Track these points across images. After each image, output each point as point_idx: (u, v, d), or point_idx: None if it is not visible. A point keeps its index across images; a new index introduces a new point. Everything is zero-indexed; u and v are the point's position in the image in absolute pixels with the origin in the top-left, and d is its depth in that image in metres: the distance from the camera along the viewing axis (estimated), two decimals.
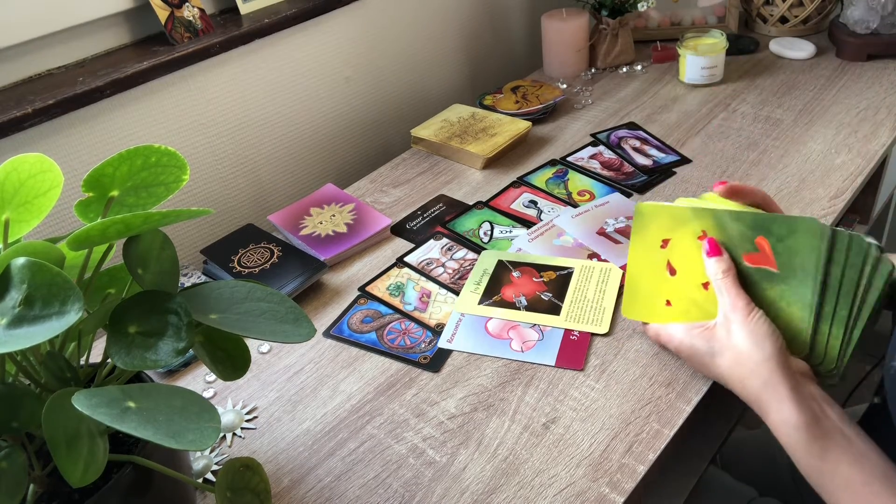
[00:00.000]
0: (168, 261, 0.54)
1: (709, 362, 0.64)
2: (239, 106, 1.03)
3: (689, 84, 1.24)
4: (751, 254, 0.64)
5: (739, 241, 0.65)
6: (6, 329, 0.43)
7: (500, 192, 1.02)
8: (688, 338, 0.66)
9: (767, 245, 0.63)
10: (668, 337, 0.69)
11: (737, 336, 0.62)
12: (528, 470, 0.63)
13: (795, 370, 0.61)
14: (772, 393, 0.58)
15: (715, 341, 0.64)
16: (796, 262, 0.62)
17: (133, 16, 0.95)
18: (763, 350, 0.60)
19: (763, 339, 0.60)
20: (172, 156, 0.55)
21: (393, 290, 0.86)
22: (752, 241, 0.64)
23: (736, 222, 0.65)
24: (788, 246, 0.62)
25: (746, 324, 0.62)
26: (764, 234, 0.63)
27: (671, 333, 0.68)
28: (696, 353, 0.65)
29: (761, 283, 0.64)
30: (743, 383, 0.61)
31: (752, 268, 0.64)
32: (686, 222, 0.68)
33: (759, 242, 0.64)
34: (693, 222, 0.67)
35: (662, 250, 0.70)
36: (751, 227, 0.64)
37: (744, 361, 0.61)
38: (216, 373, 0.56)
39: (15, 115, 0.78)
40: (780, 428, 0.58)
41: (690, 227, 0.68)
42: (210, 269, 0.91)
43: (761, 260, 0.64)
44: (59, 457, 0.43)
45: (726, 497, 0.92)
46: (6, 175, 0.52)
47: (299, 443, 0.69)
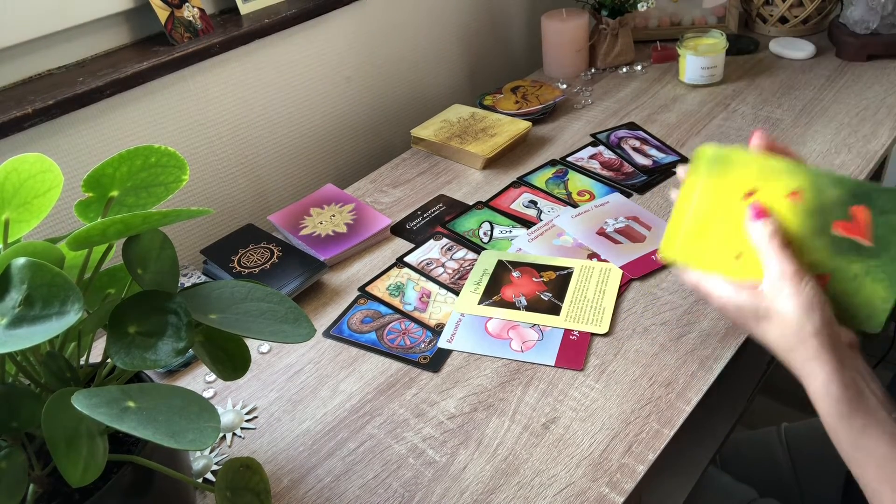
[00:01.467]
0: (168, 261, 0.54)
1: (754, 326, 0.62)
2: (239, 106, 1.03)
3: (689, 84, 1.24)
4: (843, 221, 0.60)
5: (833, 206, 0.60)
6: (6, 329, 0.43)
7: (499, 192, 1.02)
8: (734, 297, 0.62)
9: (866, 215, 0.59)
10: (709, 290, 0.65)
11: (786, 304, 0.59)
12: (527, 470, 0.63)
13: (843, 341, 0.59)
14: (818, 367, 0.57)
15: (762, 305, 0.60)
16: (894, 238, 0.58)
17: (133, 16, 0.95)
18: (812, 322, 0.57)
19: (812, 311, 0.58)
20: (172, 156, 0.55)
21: (393, 290, 0.86)
22: (848, 208, 0.60)
23: (835, 187, 0.60)
24: (891, 220, 0.58)
25: (797, 292, 0.58)
26: (865, 203, 0.59)
27: (715, 288, 0.64)
28: (741, 314, 0.62)
29: (848, 253, 0.60)
30: (789, 354, 0.59)
31: (840, 236, 0.60)
32: (778, 176, 0.62)
33: (856, 212, 0.60)
34: (786, 178, 0.62)
35: (745, 200, 0.64)
36: (852, 194, 0.60)
37: (792, 332, 0.58)
38: (216, 373, 0.56)
39: (15, 115, 0.78)
40: (821, 399, 0.56)
41: (782, 182, 0.62)
42: (210, 269, 0.91)
43: (853, 230, 0.60)
44: (58, 457, 0.43)
45: (726, 497, 0.92)
46: (6, 175, 0.52)
47: (299, 443, 0.69)
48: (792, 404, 1.52)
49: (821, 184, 0.61)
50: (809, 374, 0.57)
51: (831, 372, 0.56)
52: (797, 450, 0.97)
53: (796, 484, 0.95)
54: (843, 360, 0.57)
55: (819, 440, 0.98)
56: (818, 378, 0.57)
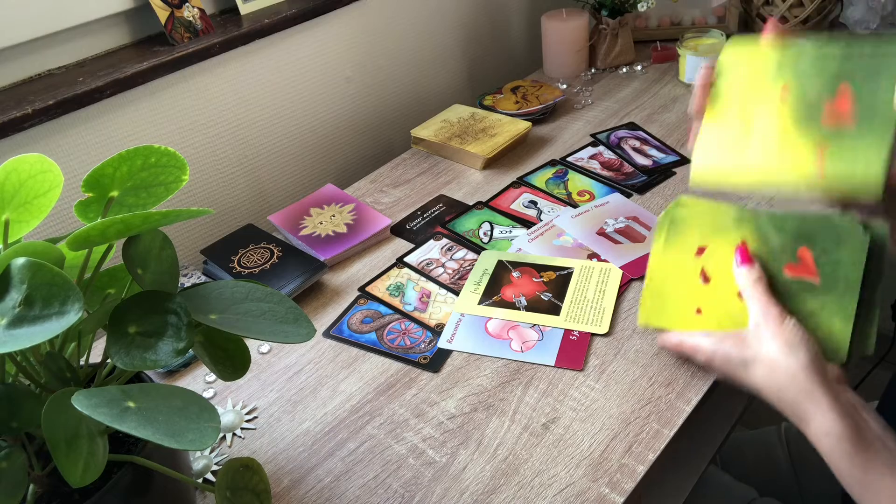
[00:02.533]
0: (168, 261, 0.54)
1: (742, 373, 0.61)
2: (239, 106, 1.03)
3: (689, 84, 1.24)
4: (792, 265, 0.63)
5: (781, 251, 0.63)
6: (6, 329, 0.43)
7: (499, 192, 1.02)
8: (719, 347, 0.63)
9: (810, 256, 0.62)
10: (694, 347, 0.66)
11: (770, 345, 0.59)
12: (527, 470, 0.63)
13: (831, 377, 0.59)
14: (811, 403, 0.56)
15: (747, 350, 0.61)
16: (839, 273, 0.61)
17: (133, 16, 0.95)
18: (798, 358, 0.58)
19: (798, 347, 0.58)
20: (172, 156, 0.55)
21: (393, 290, 0.86)
22: (795, 251, 0.63)
23: (779, 233, 0.64)
24: (833, 259, 0.61)
25: (780, 332, 0.59)
26: (808, 246, 0.62)
27: (698, 344, 0.65)
28: (728, 363, 0.63)
29: (801, 293, 0.63)
30: (780, 394, 0.58)
31: (792, 279, 0.63)
32: (726, 230, 0.66)
33: (802, 253, 0.63)
34: (733, 231, 0.66)
35: (697, 258, 0.68)
36: (794, 239, 0.63)
37: (779, 371, 0.58)
38: (216, 373, 0.56)
39: (15, 116, 0.78)
40: (821, 439, 0.56)
41: (730, 236, 0.66)
42: (210, 269, 0.91)
43: (803, 271, 0.62)
44: (59, 457, 0.43)
45: (726, 497, 0.92)
46: (6, 175, 0.52)
47: (299, 443, 0.69)
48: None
49: (764, 232, 0.65)
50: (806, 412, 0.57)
51: (827, 408, 0.56)
52: (797, 449, 0.97)
53: (796, 483, 0.95)
54: (836, 396, 0.57)
55: None
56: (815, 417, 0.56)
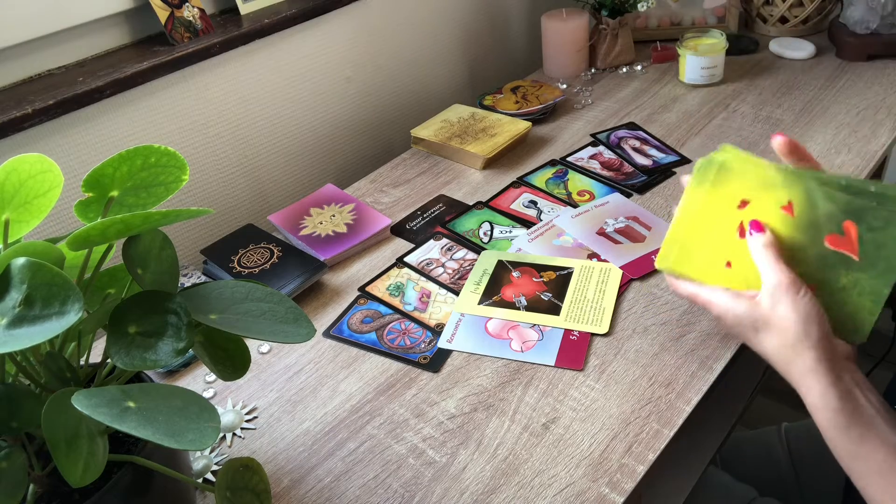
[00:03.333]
0: (168, 261, 0.54)
1: (752, 336, 0.62)
2: (239, 106, 1.03)
3: (689, 84, 1.24)
4: (834, 235, 0.61)
5: (826, 220, 0.61)
6: (6, 329, 0.43)
7: (499, 192, 1.02)
8: (733, 306, 0.62)
9: (855, 231, 0.60)
10: (707, 301, 0.65)
11: (784, 315, 0.59)
12: (527, 470, 0.63)
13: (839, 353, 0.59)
14: (815, 379, 0.57)
15: (760, 316, 0.61)
16: (882, 253, 0.59)
17: (133, 16, 0.95)
18: (810, 336, 0.58)
19: (811, 324, 0.58)
20: (172, 156, 0.55)
21: (393, 290, 0.86)
22: (840, 223, 0.61)
23: (828, 202, 0.61)
24: (878, 237, 0.59)
25: (795, 303, 0.59)
26: (854, 220, 0.60)
27: (712, 298, 0.64)
28: (739, 324, 0.62)
29: (837, 266, 0.61)
30: (787, 366, 0.59)
31: (831, 250, 0.61)
32: (773, 188, 0.63)
33: (847, 227, 0.60)
34: (781, 190, 0.63)
35: (738, 210, 0.65)
36: (843, 210, 0.60)
37: (790, 345, 0.59)
38: (216, 373, 0.56)
39: (15, 115, 0.78)
40: (819, 412, 0.57)
41: (776, 195, 0.63)
42: (210, 269, 0.91)
43: (843, 244, 0.61)
44: (59, 457, 0.43)
45: (726, 497, 0.92)
46: (6, 175, 0.52)
47: (299, 443, 0.69)
48: (792, 404, 1.52)
49: (814, 198, 0.62)
50: (806, 386, 0.58)
51: (828, 385, 0.56)
52: (797, 449, 0.97)
53: (796, 483, 0.95)
54: (840, 373, 0.57)
55: (819, 440, 0.97)
56: (815, 390, 0.57)
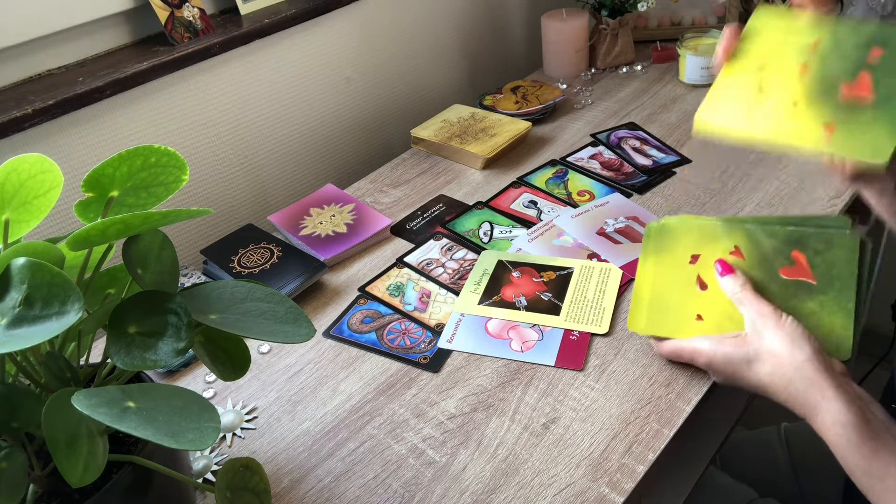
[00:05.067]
0: (168, 261, 0.54)
1: (746, 371, 0.62)
2: (239, 106, 1.03)
3: (689, 84, 1.24)
4: (787, 267, 0.65)
5: (774, 255, 0.65)
6: (6, 329, 0.43)
7: (499, 192, 1.02)
8: (719, 349, 0.63)
9: (804, 258, 0.64)
10: (693, 351, 0.66)
11: (773, 340, 0.60)
12: (527, 470, 0.63)
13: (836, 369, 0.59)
14: (819, 393, 0.57)
15: (749, 349, 0.61)
16: (834, 272, 0.63)
17: (133, 16, 0.95)
18: (803, 351, 0.58)
19: (801, 341, 0.59)
20: (172, 156, 0.55)
21: (393, 290, 0.86)
22: (788, 254, 0.65)
23: (770, 238, 0.65)
24: (826, 259, 0.63)
25: (780, 327, 0.60)
26: (799, 249, 0.64)
27: (697, 347, 0.65)
28: (731, 363, 0.63)
29: (799, 294, 0.64)
30: (787, 388, 0.59)
31: (790, 280, 0.64)
32: (717, 238, 0.68)
33: (796, 256, 0.64)
34: (724, 239, 0.68)
35: (692, 266, 0.69)
36: (785, 243, 0.65)
37: (785, 364, 0.59)
38: (216, 373, 0.56)
39: (15, 115, 0.78)
40: (830, 429, 0.56)
41: (722, 244, 0.68)
42: (210, 269, 0.91)
43: (798, 273, 0.64)
44: (59, 457, 0.43)
45: (726, 497, 0.92)
46: (6, 175, 0.52)
47: (299, 443, 0.69)
48: None
49: (756, 238, 0.66)
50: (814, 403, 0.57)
51: (834, 398, 0.56)
52: (797, 450, 0.97)
53: (796, 484, 0.95)
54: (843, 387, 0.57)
55: (819, 440, 0.98)
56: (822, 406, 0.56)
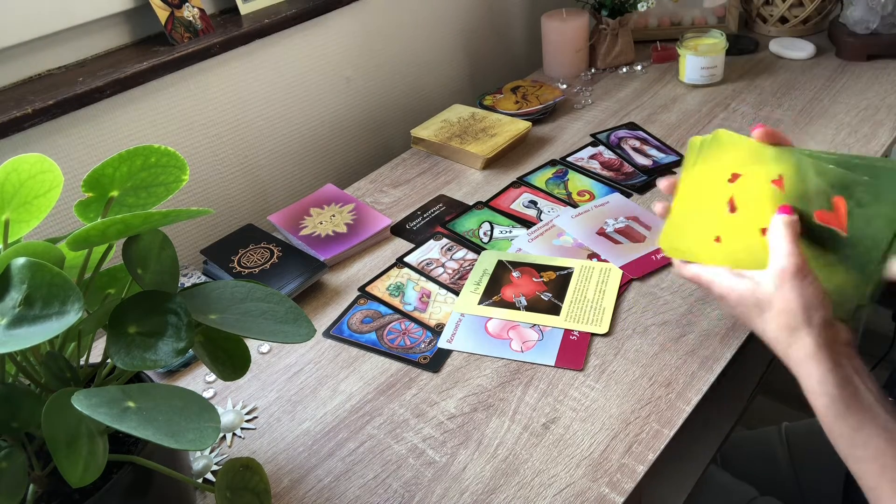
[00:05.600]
0: (168, 261, 0.54)
1: (755, 317, 0.61)
2: (239, 106, 1.03)
3: (689, 84, 1.24)
4: (824, 211, 0.61)
5: (815, 195, 0.61)
6: (6, 329, 0.43)
7: (499, 192, 1.02)
8: (736, 285, 0.62)
9: (844, 207, 0.60)
10: (710, 281, 0.65)
11: (788, 298, 0.59)
12: (527, 470, 0.63)
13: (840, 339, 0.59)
14: (814, 364, 0.57)
15: (764, 297, 0.60)
16: (868, 231, 0.59)
17: (133, 16, 0.95)
18: (812, 321, 0.58)
19: (814, 309, 0.58)
20: (172, 156, 0.55)
21: (393, 290, 0.86)
22: (830, 198, 0.61)
23: (818, 176, 0.61)
24: (867, 213, 0.59)
25: (800, 288, 0.59)
26: (844, 195, 0.60)
27: (715, 278, 0.64)
28: (742, 304, 0.62)
29: (826, 242, 0.61)
30: (787, 349, 0.59)
31: (821, 225, 0.61)
32: (764, 162, 0.63)
33: (836, 202, 0.60)
34: (772, 164, 0.63)
35: (729, 184, 0.65)
36: (832, 185, 0.60)
37: (791, 328, 0.59)
38: (216, 373, 0.56)
39: (15, 115, 0.78)
40: (817, 398, 0.57)
41: (767, 168, 0.63)
42: (210, 269, 0.91)
43: (832, 220, 0.61)
44: (59, 457, 0.43)
45: (726, 496, 0.92)
46: (6, 175, 0.52)
47: (299, 443, 0.69)
48: (792, 404, 1.52)
49: (804, 172, 0.62)
50: (806, 371, 0.58)
51: (827, 371, 0.56)
52: (797, 449, 0.97)
53: (796, 483, 0.95)
54: (839, 360, 0.57)
55: (819, 439, 0.97)
56: (813, 376, 0.57)
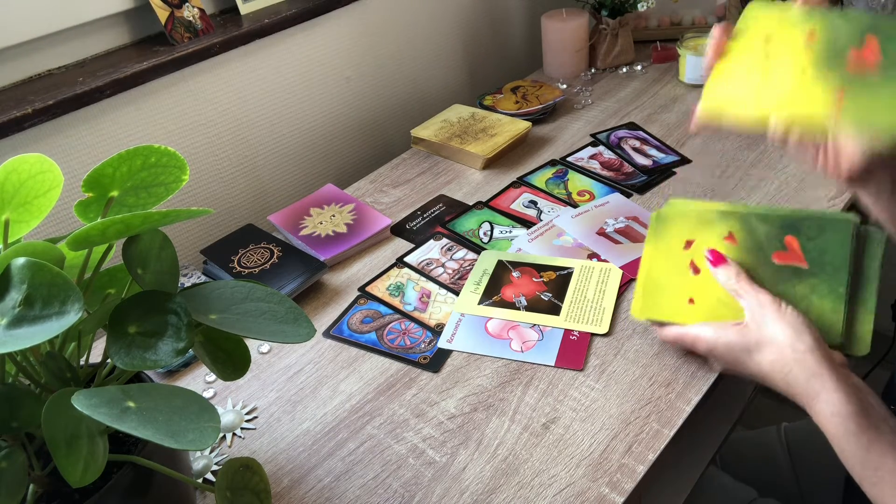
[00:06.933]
0: (168, 261, 0.54)
1: (746, 359, 0.62)
2: (239, 106, 1.03)
3: (689, 84, 1.24)
4: (780, 252, 0.67)
5: (767, 241, 0.67)
6: (6, 329, 0.43)
7: (500, 192, 1.02)
8: (720, 336, 0.63)
9: (797, 243, 0.66)
10: (695, 338, 0.66)
11: (773, 329, 0.60)
12: (527, 470, 0.63)
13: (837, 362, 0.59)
14: (819, 383, 0.57)
15: (750, 337, 0.62)
16: (826, 258, 0.65)
17: (133, 16, 0.95)
18: (804, 341, 0.59)
19: (802, 330, 0.59)
20: (172, 156, 0.55)
21: (393, 290, 0.86)
22: (781, 240, 0.67)
23: (764, 224, 0.67)
24: (818, 244, 0.65)
25: (781, 316, 0.61)
26: (793, 234, 0.66)
27: (699, 334, 0.65)
28: (731, 351, 0.63)
29: (791, 278, 0.66)
30: (787, 377, 0.59)
31: (782, 265, 0.67)
32: (711, 224, 0.70)
33: (789, 241, 0.67)
34: (719, 224, 0.69)
35: (686, 251, 0.71)
36: (779, 228, 0.67)
37: (786, 354, 0.59)
38: (216, 373, 0.56)
39: (15, 115, 0.78)
40: (829, 419, 0.56)
41: (716, 229, 0.70)
42: (210, 269, 0.91)
43: (791, 258, 0.66)
44: (59, 457, 0.43)
45: (726, 497, 0.92)
46: (6, 175, 0.52)
47: (299, 443, 0.69)
48: (792, 405, 1.52)
49: (750, 224, 0.68)
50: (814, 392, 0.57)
51: (834, 389, 0.56)
52: (797, 450, 0.97)
53: (796, 484, 0.95)
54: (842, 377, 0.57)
55: (819, 440, 0.97)
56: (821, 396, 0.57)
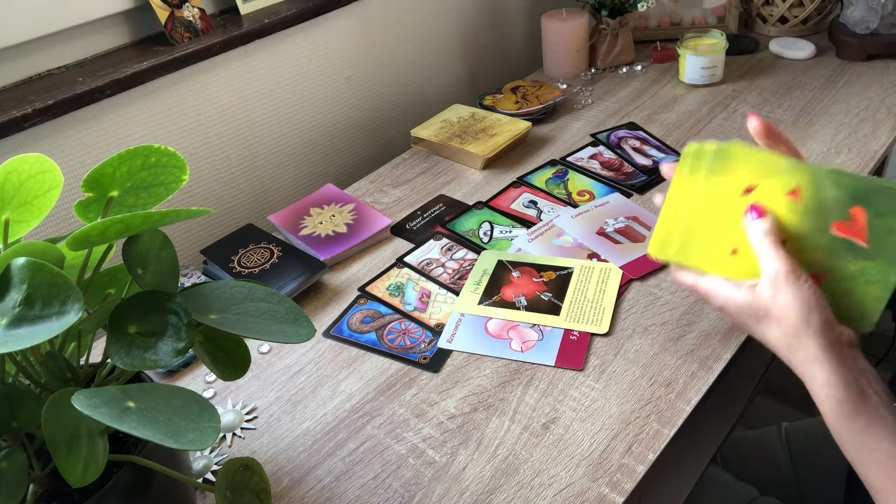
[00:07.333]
0: (168, 261, 0.54)
1: (754, 324, 0.61)
2: (239, 106, 1.03)
3: (689, 84, 1.24)
4: (842, 222, 0.60)
5: (833, 206, 0.60)
6: (6, 329, 0.43)
7: (499, 192, 1.02)
8: (734, 296, 0.62)
9: (864, 217, 0.59)
10: (707, 290, 0.64)
11: (785, 304, 0.58)
12: (527, 470, 0.63)
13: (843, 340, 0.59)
14: (819, 367, 0.57)
15: (761, 304, 0.60)
16: (890, 241, 0.58)
17: (133, 16, 0.95)
18: (812, 324, 0.57)
19: (812, 312, 0.58)
20: (172, 156, 0.55)
21: (393, 290, 0.86)
22: (847, 209, 0.59)
23: (836, 187, 0.60)
24: (887, 223, 0.58)
25: (795, 291, 0.58)
26: (862, 205, 0.59)
27: (714, 289, 0.64)
28: (741, 313, 0.62)
29: (843, 253, 0.60)
30: (788, 354, 0.59)
31: (838, 237, 0.60)
32: (779, 173, 0.62)
33: (855, 212, 0.59)
34: (787, 175, 0.61)
35: (744, 196, 0.63)
36: (850, 196, 0.59)
37: (792, 333, 0.58)
38: (216, 373, 0.56)
39: (15, 115, 0.78)
40: (823, 401, 0.56)
41: (782, 180, 0.62)
42: (210, 269, 0.91)
43: (851, 231, 0.60)
44: (59, 457, 0.43)
45: (726, 496, 0.92)
46: (6, 175, 0.52)
47: (299, 443, 0.69)
48: (792, 404, 1.52)
49: (821, 183, 0.60)
50: (811, 374, 0.57)
51: (832, 373, 0.56)
52: (797, 449, 0.97)
53: (796, 483, 0.95)
54: (844, 361, 0.57)
55: (819, 439, 0.97)
56: (819, 378, 0.57)
